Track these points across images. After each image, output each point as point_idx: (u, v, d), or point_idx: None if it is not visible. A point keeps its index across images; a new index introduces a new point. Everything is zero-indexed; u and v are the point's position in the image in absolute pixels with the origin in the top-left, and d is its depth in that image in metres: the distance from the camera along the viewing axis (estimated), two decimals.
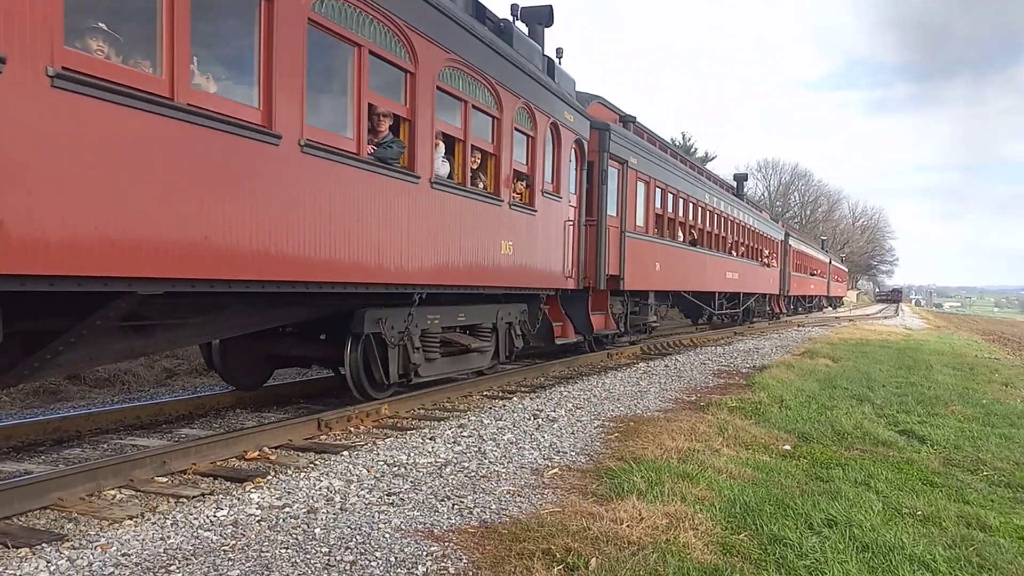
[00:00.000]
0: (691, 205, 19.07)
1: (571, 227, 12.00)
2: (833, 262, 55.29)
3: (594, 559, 3.66)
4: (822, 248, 54.80)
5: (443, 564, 3.63)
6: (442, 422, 7.43)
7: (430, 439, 6.33)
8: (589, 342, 14.09)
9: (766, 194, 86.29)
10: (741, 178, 31.87)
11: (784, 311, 35.52)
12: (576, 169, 12.45)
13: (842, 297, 66.66)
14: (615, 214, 13.79)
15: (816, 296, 47.32)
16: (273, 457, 6.08)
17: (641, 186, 15.28)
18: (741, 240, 24.95)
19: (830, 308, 57.07)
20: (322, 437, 6.90)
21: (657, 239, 16.31)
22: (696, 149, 63.15)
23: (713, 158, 66.94)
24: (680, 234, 18.18)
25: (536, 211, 10.57)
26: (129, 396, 9.03)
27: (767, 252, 29.27)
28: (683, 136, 64.73)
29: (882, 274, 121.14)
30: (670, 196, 17.39)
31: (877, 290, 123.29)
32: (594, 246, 13.06)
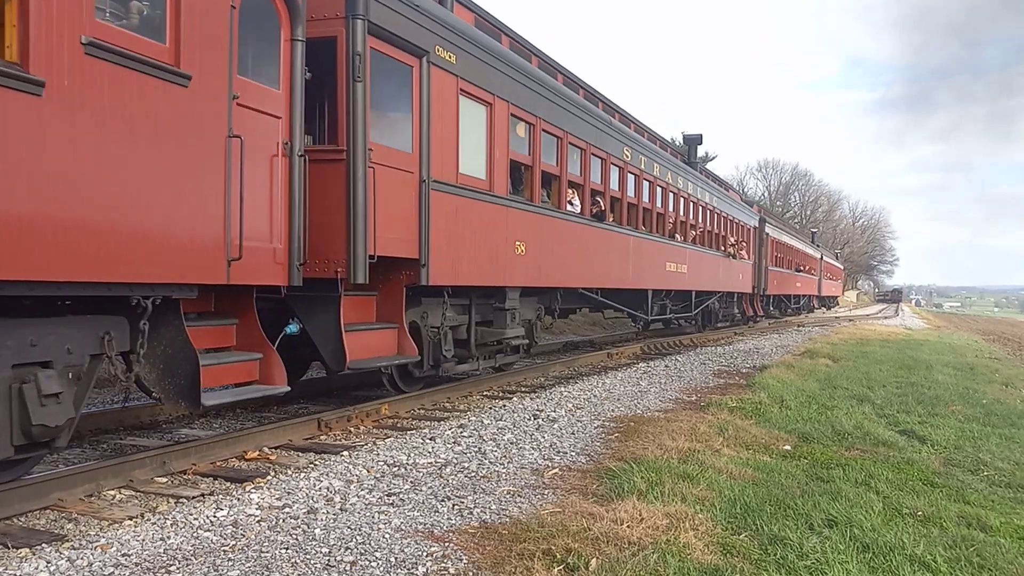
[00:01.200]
0: (598, 161, 12.47)
1: (262, 156, 5.89)
2: (826, 258, 49.83)
3: (594, 559, 3.66)
4: (812, 241, 48.94)
5: (443, 564, 3.62)
6: (442, 422, 7.43)
7: (430, 439, 6.33)
8: (390, 377, 8.35)
9: (766, 194, 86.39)
10: (693, 141, 22.42)
11: (760, 313, 29.51)
12: (283, 40, 6.17)
13: (837, 297, 60.42)
14: (408, 149, 7.64)
15: (804, 296, 41.08)
16: (273, 457, 6.08)
17: (475, 110, 8.86)
18: (693, 221, 18.60)
19: (824, 309, 52.38)
20: (322, 437, 6.89)
21: (518, 203, 9.88)
22: (696, 149, 63.05)
23: (714, 158, 66.83)
24: (576, 202, 11.81)
25: (42, 82, 4.20)
26: (129, 396, 9.01)
27: (735, 240, 23.12)
28: (683, 136, 64.71)
29: (882, 274, 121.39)
30: (549, 139, 10.73)
31: (877, 290, 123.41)
32: (342, 200, 6.84)
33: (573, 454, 6.02)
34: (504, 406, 8.25)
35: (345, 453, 5.89)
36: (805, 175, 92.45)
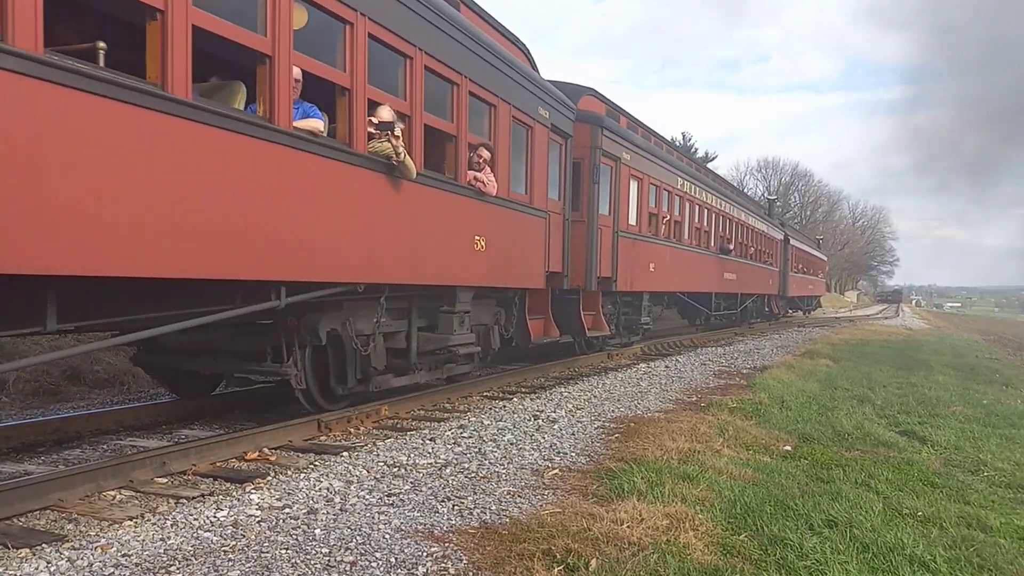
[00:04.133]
0: None
1: None
2: (795, 242, 35.42)
3: (594, 560, 3.66)
4: (768, 214, 32.86)
5: (443, 565, 3.62)
6: (442, 423, 7.43)
7: (430, 440, 6.33)
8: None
9: (766, 194, 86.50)
10: None
11: (606, 331, 13.75)
12: None
13: (817, 297, 46.14)
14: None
15: (751, 295, 26.65)
16: (273, 458, 6.08)
17: None
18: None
19: (799, 313, 40.55)
20: (322, 438, 6.89)
21: None
22: (696, 149, 63.19)
23: (714, 157, 67.01)
24: None
25: None
26: (129, 397, 9.02)
27: (480, 158, 8.66)
28: (683, 136, 64.76)
29: (882, 275, 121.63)
30: None
31: (877, 290, 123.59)
32: None
33: (573, 455, 6.02)
34: (504, 407, 8.25)
35: (345, 454, 5.88)
36: (805, 175, 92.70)
